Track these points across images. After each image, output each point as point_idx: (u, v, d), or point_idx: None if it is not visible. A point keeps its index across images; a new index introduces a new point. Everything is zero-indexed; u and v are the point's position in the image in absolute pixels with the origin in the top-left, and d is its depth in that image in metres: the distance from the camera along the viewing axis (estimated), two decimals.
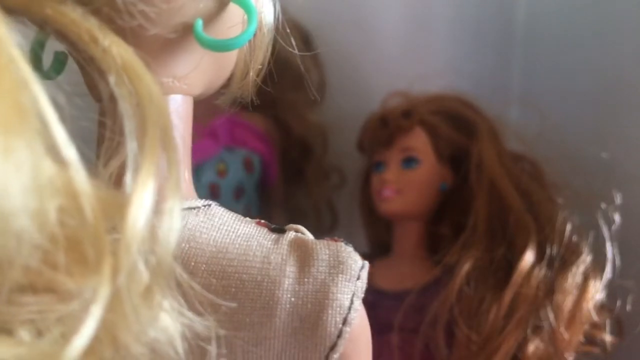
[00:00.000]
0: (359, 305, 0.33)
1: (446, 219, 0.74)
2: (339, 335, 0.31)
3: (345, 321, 0.32)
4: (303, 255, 0.33)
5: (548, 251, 0.64)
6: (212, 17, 0.33)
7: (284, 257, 0.33)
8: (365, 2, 0.89)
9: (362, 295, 0.33)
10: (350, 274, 0.33)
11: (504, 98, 0.87)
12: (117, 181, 0.25)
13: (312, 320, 0.31)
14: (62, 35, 0.27)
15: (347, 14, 0.87)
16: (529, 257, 0.63)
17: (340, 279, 0.32)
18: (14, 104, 0.21)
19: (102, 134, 0.28)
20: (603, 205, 0.68)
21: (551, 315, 0.61)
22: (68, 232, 0.22)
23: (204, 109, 0.45)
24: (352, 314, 0.32)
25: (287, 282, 0.32)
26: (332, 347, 0.31)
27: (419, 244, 0.75)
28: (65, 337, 0.21)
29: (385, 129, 0.74)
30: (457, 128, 0.73)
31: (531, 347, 0.61)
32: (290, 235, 0.35)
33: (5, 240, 0.20)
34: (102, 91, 0.26)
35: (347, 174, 0.87)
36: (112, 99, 0.26)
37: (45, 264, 0.21)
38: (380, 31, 0.89)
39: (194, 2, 0.32)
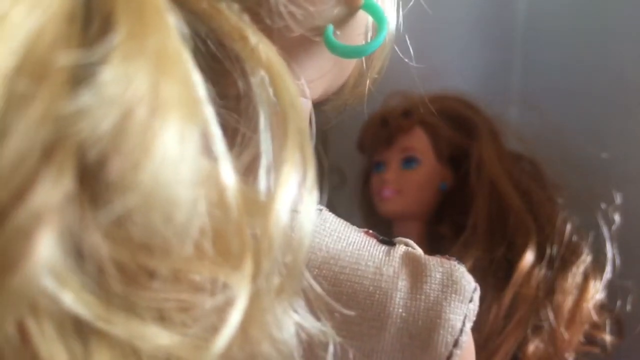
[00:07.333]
0: (469, 329, 0.32)
1: (446, 219, 0.74)
2: (449, 357, 0.30)
3: (456, 343, 0.31)
4: (415, 270, 0.32)
5: (548, 251, 0.64)
6: (343, 23, 0.33)
7: (396, 270, 0.32)
8: None
9: (474, 318, 0.32)
10: (463, 295, 0.32)
11: (504, 98, 0.87)
12: (245, 173, 0.24)
13: (422, 339, 0.30)
14: (211, 31, 0.26)
15: None
16: (529, 257, 0.63)
17: (453, 299, 0.31)
18: (187, 95, 0.20)
19: (232, 128, 0.27)
20: (603, 205, 0.68)
21: (551, 315, 0.61)
22: (214, 224, 0.22)
23: None
24: (464, 337, 0.31)
25: (398, 296, 0.31)
26: None
27: (419, 244, 0.74)
28: (208, 330, 0.21)
29: (385, 129, 0.74)
30: (457, 128, 0.73)
31: (531, 347, 0.61)
32: (401, 248, 0.34)
33: (173, 226, 0.20)
34: (240, 88, 0.26)
35: (347, 174, 0.87)
36: (247, 96, 0.25)
37: (195, 253, 0.21)
38: None
39: (331, 7, 0.31)
